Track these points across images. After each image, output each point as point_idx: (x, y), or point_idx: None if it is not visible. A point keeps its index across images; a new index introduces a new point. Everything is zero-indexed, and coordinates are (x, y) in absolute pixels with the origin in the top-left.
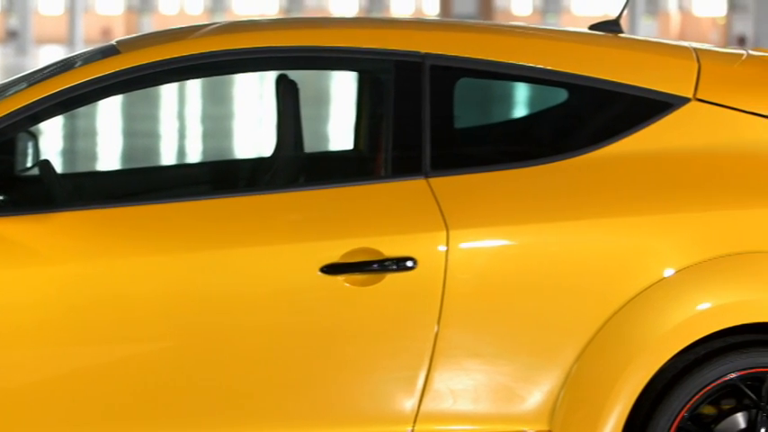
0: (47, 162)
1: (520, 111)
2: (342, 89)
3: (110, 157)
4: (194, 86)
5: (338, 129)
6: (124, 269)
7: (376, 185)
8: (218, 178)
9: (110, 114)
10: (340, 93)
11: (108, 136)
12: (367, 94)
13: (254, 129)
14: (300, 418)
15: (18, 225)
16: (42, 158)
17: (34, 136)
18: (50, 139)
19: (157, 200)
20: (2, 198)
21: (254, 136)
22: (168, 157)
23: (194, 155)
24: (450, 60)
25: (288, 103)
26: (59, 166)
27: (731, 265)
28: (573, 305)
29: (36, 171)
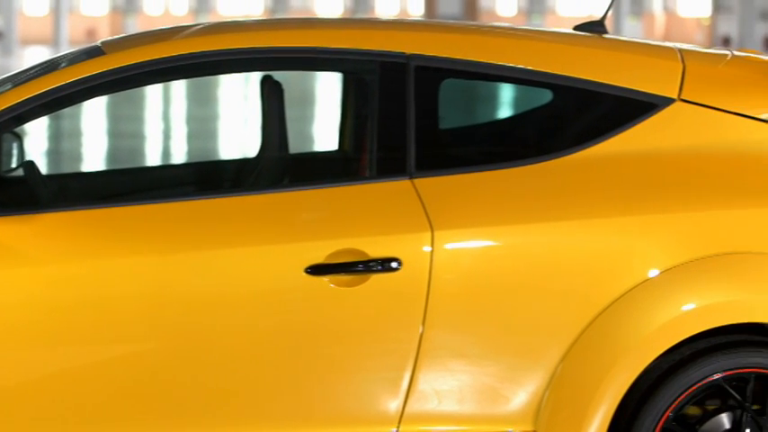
0: (32, 163)
1: (505, 111)
2: (327, 90)
3: (95, 158)
4: (179, 87)
5: (323, 130)
6: (109, 270)
7: (361, 186)
8: (204, 179)
9: (95, 115)
10: (325, 94)
11: (93, 137)
12: (352, 94)
13: (239, 130)
14: (285, 418)
15: (2, 226)
16: (27, 159)
17: (19, 137)
18: (35, 140)
19: (142, 201)
20: None
21: (239, 137)
22: (153, 158)
23: (179, 156)
24: (435, 61)
25: (273, 103)
26: (44, 167)
27: (716, 265)
28: (558, 306)
29: (21, 172)
